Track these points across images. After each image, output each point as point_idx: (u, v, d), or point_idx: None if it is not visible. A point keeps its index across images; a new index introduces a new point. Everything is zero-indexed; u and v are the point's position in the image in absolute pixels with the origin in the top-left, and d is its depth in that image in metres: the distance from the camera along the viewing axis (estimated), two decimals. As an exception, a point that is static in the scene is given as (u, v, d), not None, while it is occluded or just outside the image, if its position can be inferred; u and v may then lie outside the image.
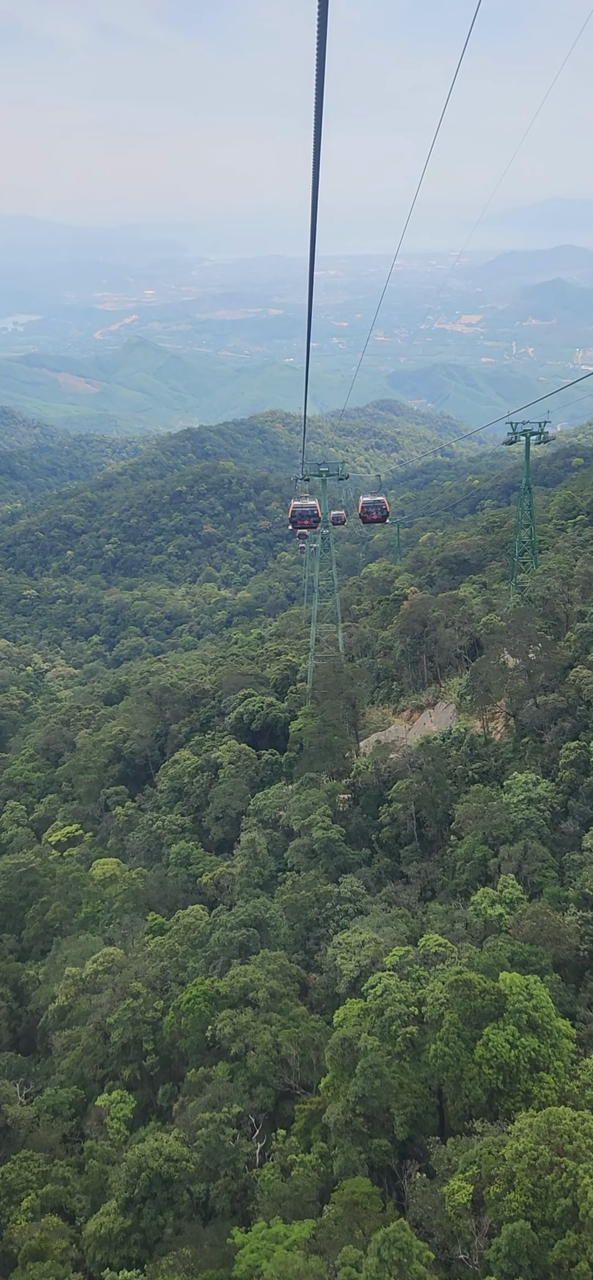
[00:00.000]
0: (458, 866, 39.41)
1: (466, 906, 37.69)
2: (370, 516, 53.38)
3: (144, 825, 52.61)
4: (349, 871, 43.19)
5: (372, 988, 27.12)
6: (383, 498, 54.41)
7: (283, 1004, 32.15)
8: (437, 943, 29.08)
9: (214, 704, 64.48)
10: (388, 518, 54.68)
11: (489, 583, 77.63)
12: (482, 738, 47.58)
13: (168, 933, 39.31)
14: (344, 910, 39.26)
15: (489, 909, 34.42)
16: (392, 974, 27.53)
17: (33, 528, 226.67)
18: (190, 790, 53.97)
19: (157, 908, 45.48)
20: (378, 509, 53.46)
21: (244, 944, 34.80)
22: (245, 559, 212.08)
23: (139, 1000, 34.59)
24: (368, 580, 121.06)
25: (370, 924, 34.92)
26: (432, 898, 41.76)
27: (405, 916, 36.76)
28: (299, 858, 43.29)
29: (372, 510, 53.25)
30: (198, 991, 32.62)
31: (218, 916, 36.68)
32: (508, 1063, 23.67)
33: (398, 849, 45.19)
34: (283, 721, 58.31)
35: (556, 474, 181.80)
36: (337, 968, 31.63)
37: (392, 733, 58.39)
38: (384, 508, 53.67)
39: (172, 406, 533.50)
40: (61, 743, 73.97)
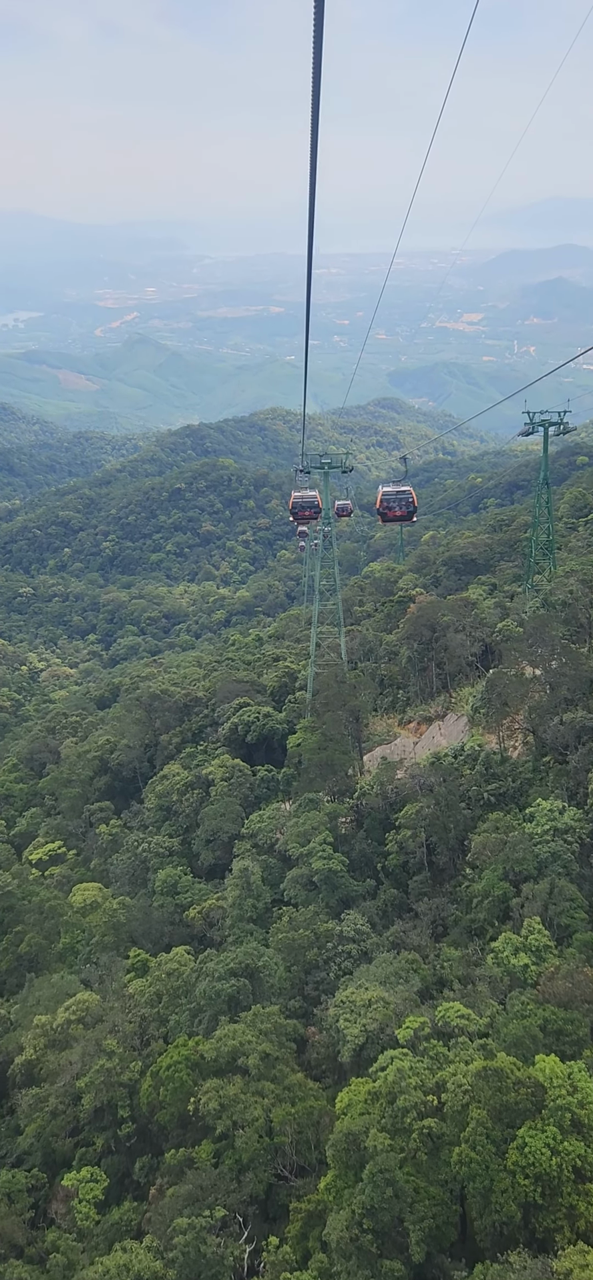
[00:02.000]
0: (475, 903, 35.16)
1: (484, 950, 33.55)
2: (392, 513, 42.17)
3: (129, 847, 48.37)
4: (352, 905, 38.98)
5: (382, 1069, 22.84)
6: (409, 488, 42.39)
7: (277, 1070, 27.90)
8: (458, 1013, 24.80)
9: (207, 713, 60.22)
10: (416, 514, 42.64)
11: (500, 584, 73.35)
12: (498, 755, 43.30)
13: (150, 973, 35.05)
14: (347, 952, 35.04)
15: (513, 958, 30.19)
16: (405, 1052, 23.27)
17: (30, 525, 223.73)
18: (179, 809, 49.70)
19: (140, 942, 41.27)
20: (402, 503, 42.21)
21: (234, 996, 30.57)
22: (245, 557, 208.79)
23: (114, 1060, 30.34)
24: (370, 580, 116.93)
25: (377, 974, 30.68)
26: (444, 933, 37.60)
27: (416, 963, 32.50)
28: (297, 889, 39.03)
29: (394, 504, 42.14)
30: (179, 1056, 28.37)
31: (205, 964, 32.46)
32: (548, 1172, 19.43)
33: (406, 878, 40.93)
34: (281, 734, 54.06)
35: (560, 472, 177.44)
36: (339, 1030, 27.37)
37: (398, 746, 54.10)
38: (411, 501, 42.07)
39: (172, 404, 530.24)
40: (46, 752, 69.71)
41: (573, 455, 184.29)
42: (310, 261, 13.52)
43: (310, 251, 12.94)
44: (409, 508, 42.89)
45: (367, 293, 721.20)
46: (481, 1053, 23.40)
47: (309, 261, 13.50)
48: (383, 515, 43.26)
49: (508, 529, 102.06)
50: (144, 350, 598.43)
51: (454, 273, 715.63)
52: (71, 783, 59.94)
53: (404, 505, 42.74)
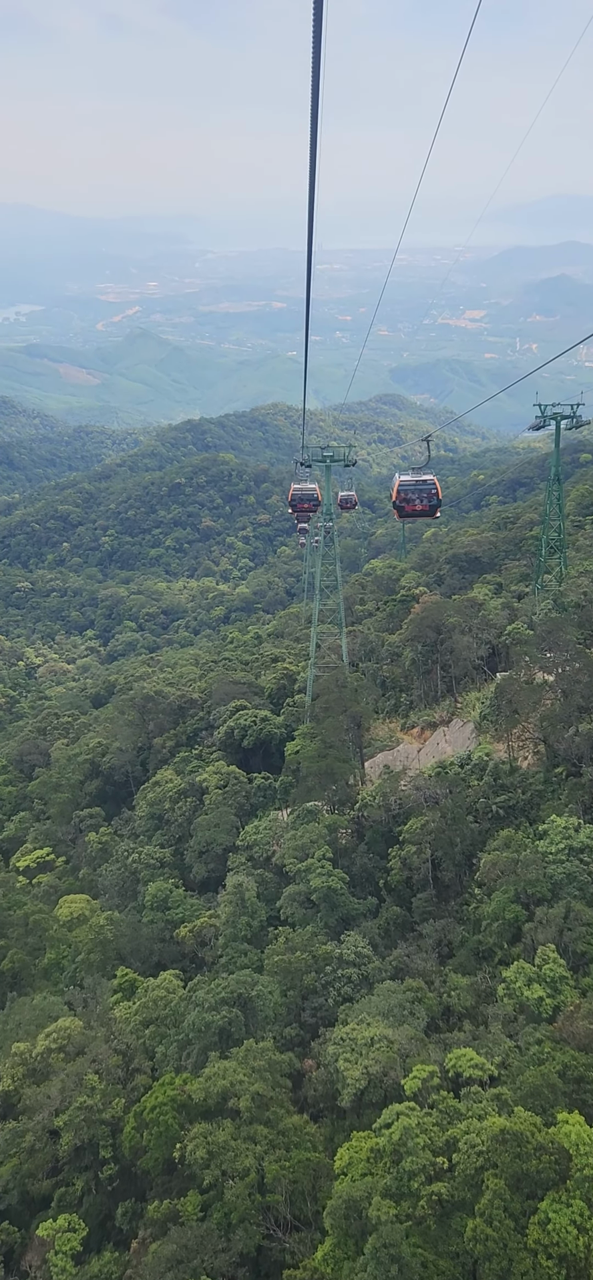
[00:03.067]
0: (484, 926, 32.91)
1: (493, 977, 31.30)
2: (412, 507, 33.98)
3: (119, 857, 46.12)
4: (353, 924, 36.76)
5: (387, 1126, 20.57)
6: (432, 477, 34.91)
7: (271, 1112, 25.63)
8: (470, 1062, 22.51)
9: (202, 716, 57.92)
10: (440, 508, 35.58)
11: (507, 583, 70.99)
12: (507, 765, 41.02)
13: (136, 999, 32.80)
14: (347, 977, 32.78)
15: (526, 989, 27.91)
16: (412, 1106, 21.00)
17: (28, 519, 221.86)
18: (172, 818, 47.43)
19: (128, 960, 39.00)
20: (424, 495, 34.24)
21: (225, 1029, 28.31)
22: (244, 553, 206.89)
23: (95, 1096, 28.09)
24: (371, 578, 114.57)
25: (379, 1005, 28.42)
26: (449, 955, 35.38)
27: (421, 992, 30.25)
28: (294, 908, 36.77)
29: (414, 497, 34.17)
30: (165, 1097, 26.10)
31: (194, 991, 30.21)
32: (574, 1253, 17.19)
33: (409, 895, 38.68)
34: (278, 739, 51.79)
35: (564, 469, 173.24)
36: (339, 1071, 25.11)
37: (401, 753, 51.83)
38: (434, 492, 34.48)
39: (173, 399, 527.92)
40: (36, 754, 67.41)
41: (577, 452, 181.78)
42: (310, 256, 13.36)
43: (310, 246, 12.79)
44: (432, 501, 34.64)
45: (369, 288, 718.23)
46: (494, 1105, 21.15)
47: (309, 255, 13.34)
48: (400, 510, 34.72)
49: (513, 526, 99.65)
50: (145, 345, 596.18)
51: (457, 269, 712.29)
52: (61, 787, 57.68)
53: (426, 498, 34.53)
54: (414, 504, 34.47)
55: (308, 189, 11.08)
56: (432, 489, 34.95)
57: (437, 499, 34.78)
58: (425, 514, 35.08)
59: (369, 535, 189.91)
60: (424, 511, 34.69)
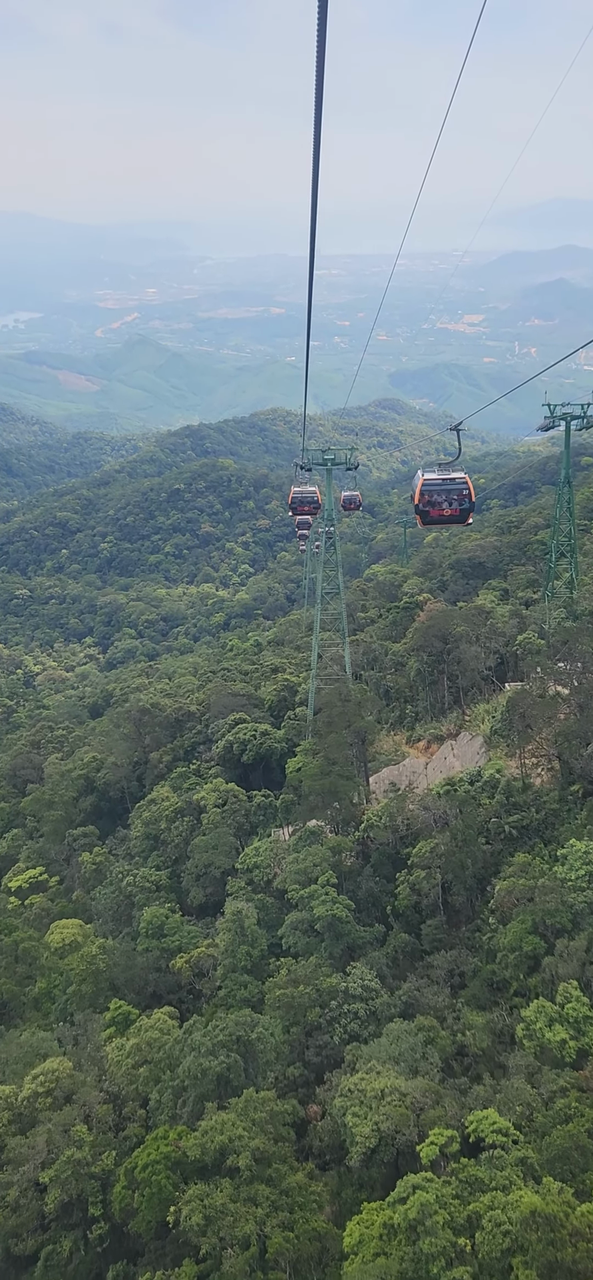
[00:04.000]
0: (500, 958, 30.91)
1: (511, 1014, 29.31)
2: (438, 511, 27.98)
3: (114, 879, 44.07)
4: (359, 954, 34.76)
5: (402, 1200, 18.56)
6: (464, 474, 28.94)
7: (273, 1170, 23.65)
8: (493, 1125, 20.50)
9: (200, 729, 55.94)
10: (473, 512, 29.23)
11: (513, 589, 69.13)
12: (519, 783, 39.05)
13: (128, 1040, 30.74)
14: (354, 1012, 30.77)
15: (547, 1031, 25.93)
16: (429, 1177, 18.99)
17: (27, 525, 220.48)
18: (168, 839, 45.40)
19: (122, 991, 36.96)
20: (454, 496, 28.37)
21: (223, 1075, 26.28)
22: (244, 559, 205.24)
23: (84, 1150, 26.08)
24: (373, 583, 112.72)
25: (389, 1049, 26.42)
26: (461, 984, 33.37)
27: (434, 1031, 28.26)
28: (297, 937, 34.76)
29: (441, 499, 28.24)
30: (158, 1155, 24.09)
31: (190, 1034, 28.19)
32: None
33: (418, 920, 36.69)
34: (279, 754, 49.80)
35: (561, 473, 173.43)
36: (347, 1127, 23.11)
37: (407, 767, 49.82)
38: (466, 493, 28.60)
39: (173, 405, 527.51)
40: (29, 768, 65.42)
41: (578, 455, 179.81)
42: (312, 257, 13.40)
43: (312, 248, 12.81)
44: (464, 504, 28.25)
45: (368, 294, 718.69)
46: (519, 1170, 19.14)
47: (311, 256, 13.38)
48: (424, 515, 28.40)
49: (518, 531, 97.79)
50: (145, 351, 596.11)
51: (455, 274, 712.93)
52: (54, 804, 55.66)
53: (456, 500, 28.16)
54: (441, 508, 28.30)
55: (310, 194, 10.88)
56: (463, 489, 28.72)
57: (469, 501, 28.62)
58: (455, 519, 28.61)
59: (370, 540, 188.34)
60: (453, 517, 28.40)
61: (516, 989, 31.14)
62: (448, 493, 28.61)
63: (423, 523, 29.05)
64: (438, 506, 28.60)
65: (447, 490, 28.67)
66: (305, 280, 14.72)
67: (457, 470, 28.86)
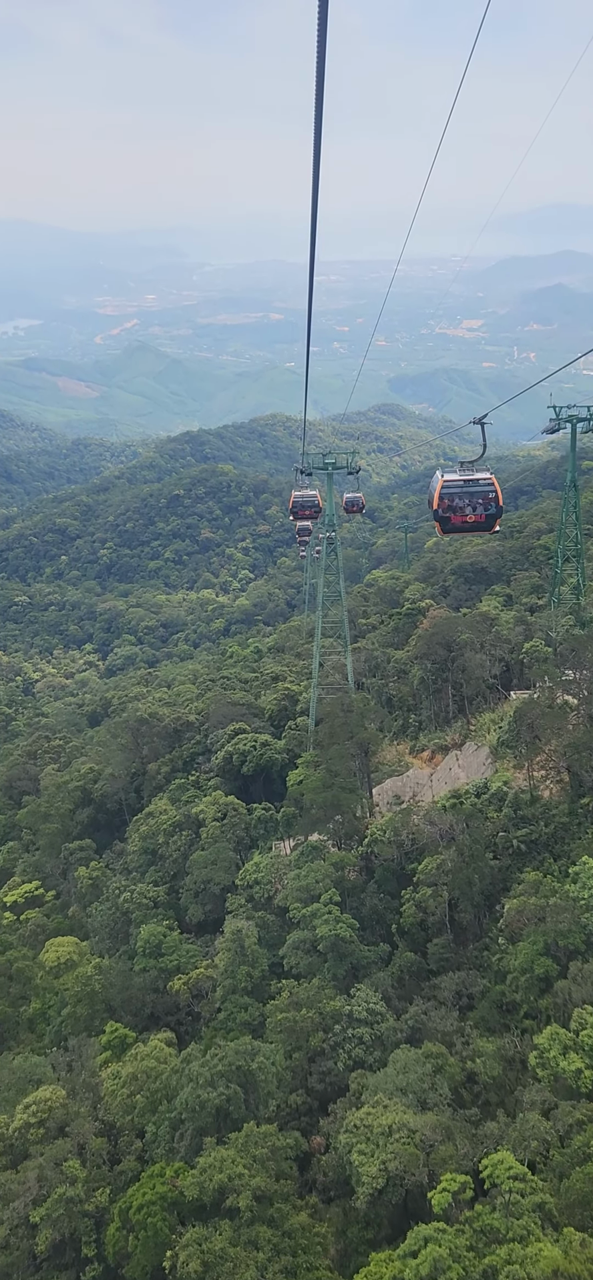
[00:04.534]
0: (510, 980, 29.75)
1: (522, 1040, 28.15)
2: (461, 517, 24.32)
3: (110, 895, 42.88)
4: (363, 974, 33.59)
5: (412, 1254, 17.39)
6: (489, 474, 25.03)
7: (275, 1210, 22.47)
8: (509, 1171, 19.32)
9: (200, 740, 54.79)
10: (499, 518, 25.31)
11: (517, 595, 68.07)
12: (527, 795, 37.93)
13: (124, 1069, 29.53)
14: (358, 1037, 29.61)
15: (562, 1059, 24.76)
16: (442, 1228, 17.84)
17: (26, 532, 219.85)
18: (166, 853, 44.21)
19: (118, 1013, 35.79)
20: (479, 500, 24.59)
21: (222, 1108, 25.11)
22: (244, 564, 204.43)
23: (77, 1187, 24.90)
24: (374, 589, 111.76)
25: (396, 1080, 25.25)
26: (469, 1006, 32.20)
27: (442, 1058, 27.09)
28: (299, 957, 33.59)
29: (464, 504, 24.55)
30: (154, 1195, 22.93)
31: (189, 1063, 27.00)
32: None
33: (424, 938, 35.51)
34: (280, 765, 48.65)
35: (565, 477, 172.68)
36: (352, 1164, 21.94)
37: (411, 778, 48.71)
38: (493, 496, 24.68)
39: (172, 411, 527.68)
40: (26, 779, 64.24)
41: (578, 460, 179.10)
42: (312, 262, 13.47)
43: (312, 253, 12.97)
44: (490, 508, 24.45)
45: (367, 299, 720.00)
46: (537, 1217, 17.97)
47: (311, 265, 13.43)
48: (444, 522, 24.71)
49: (520, 535, 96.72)
50: (144, 357, 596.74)
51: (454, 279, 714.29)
52: (50, 817, 54.48)
53: (481, 504, 24.41)
54: (464, 513, 24.26)
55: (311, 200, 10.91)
56: (489, 491, 24.59)
57: (496, 505, 24.58)
58: (480, 527, 24.60)
59: (370, 545, 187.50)
60: (478, 524, 24.38)
61: (526, 1011, 30.01)
62: (472, 496, 24.63)
63: (443, 531, 25.31)
64: (460, 512, 24.70)
65: (470, 493, 24.66)
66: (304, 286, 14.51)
67: (481, 470, 24.81)
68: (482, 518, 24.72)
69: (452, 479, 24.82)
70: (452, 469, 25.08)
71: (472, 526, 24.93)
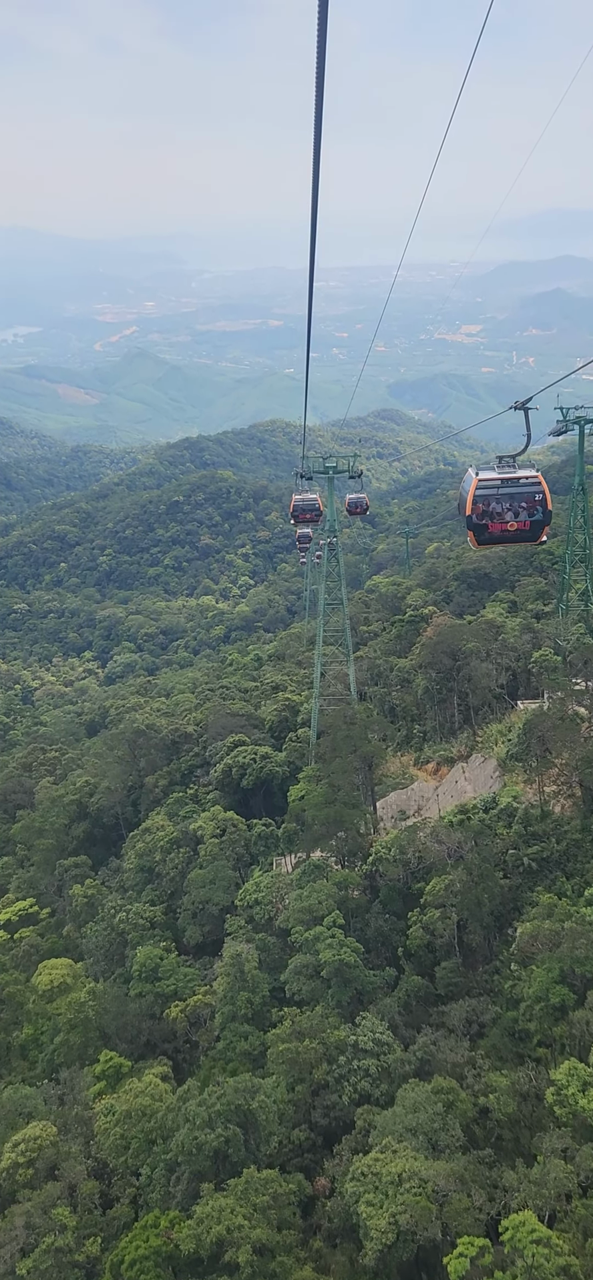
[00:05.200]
0: (525, 1009, 28.30)
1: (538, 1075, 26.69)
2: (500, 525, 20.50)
3: (106, 915, 41.43)
4: (368, 1000, 32.15)
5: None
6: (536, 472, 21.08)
7: (277, 1263, 21.02)
8: (531, 1233, 17.86)
9: (198, 751, 53.42)
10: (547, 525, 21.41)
11: (522, 602, 66.69)
12: (538, 810, 36.53)
13: (118, 1104, 28.06)
14: (364, 1069, 28.16)
15: (581, 1097, 23.33)
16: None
17: (25, 539, 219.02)
18: (163, 871, 42.79)
19: (113, 1041, 34.34)
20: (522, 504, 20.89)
21: (221, 1150, 23.66)
22: (244, 570, 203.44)
23: (67, 1235, 23.43)
24: (375, 595, 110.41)
25: (405, 1119, 23.80)
26: (479, 1033, 30.76)
27: (453, 1093, 25.64)
28: (301, 983, 32.13)
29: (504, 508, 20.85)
30: (147, 1248, 21.50)
31: (185, 1101, 25.54)
32: None
33: (431, 961, 34.07)
34: (280, 778, 47.26)
35: (567, 481, 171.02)
36: (360, 1216, 20.49)
37: (415, 791, 47.32)
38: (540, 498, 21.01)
39: (171, 417, 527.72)
40: (20, 792, 62.81)
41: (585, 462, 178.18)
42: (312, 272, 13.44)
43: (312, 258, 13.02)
44: (536, 513, 20.50)
45: (366, 305, 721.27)
46: (562, 1281, 16.51)
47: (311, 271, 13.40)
48: (480, 532, 20.68)
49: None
50: (143, 364, 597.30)
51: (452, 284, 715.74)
52: (44, 832, 53.05)
53: (525, 509, 20.55)
54: (504, 520, 20.13)
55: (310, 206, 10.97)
56: (535, 493, 20.57)
57: (544, 510, 20.62)
58: (523, 537, 20.50)
59: (371, 551, 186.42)
60: (522, 534, 20.31)
61: (539, 1039, 28.61)
62: (513, 499, 20.35)
63: (479, 542, 20.94)
64: (499, 519, 20.45)
65: (512, 496, 20.35)
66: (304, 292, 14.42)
67: (525, 466, 20.67)
68: (526, 525, 20.61)
69: (489, 478, 20.65)
70: (488, 466, 21.12)
71: (514, 536, 20.80)
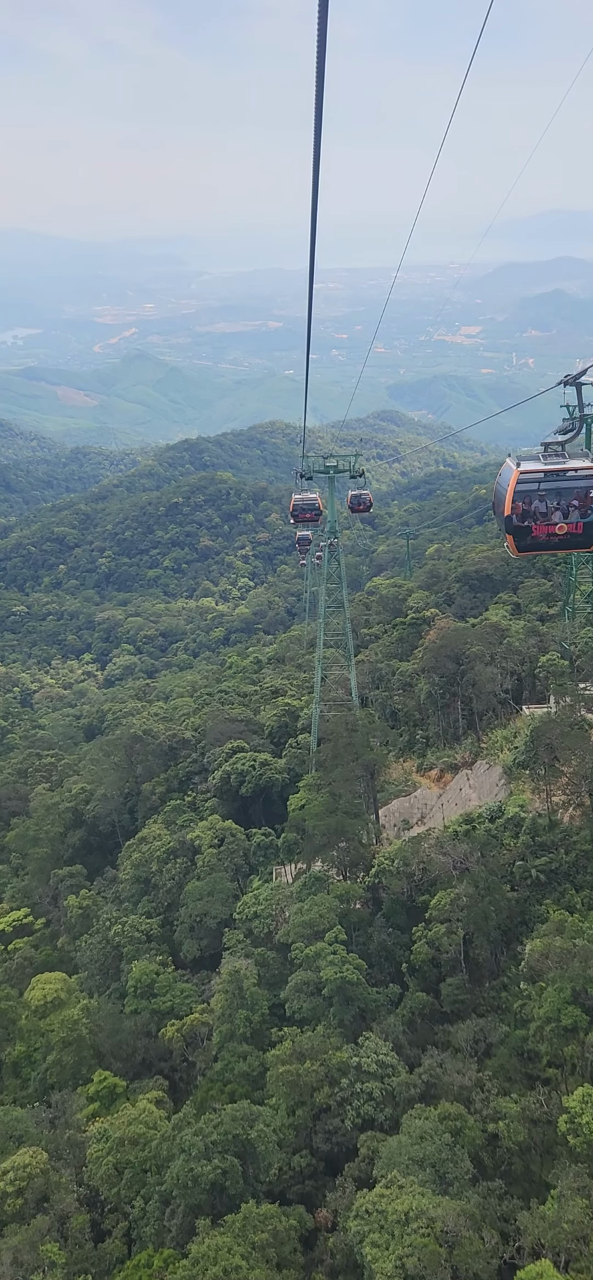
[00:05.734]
0: (535, 1030, 27.17)
1: (549, 1100, 25.57)
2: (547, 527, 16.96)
3: (101, 928, 40.28)
4: (372, 1018, 31.03)
5: None
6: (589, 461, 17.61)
7: (277, 1306, 19.85)
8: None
9: (196, 758, 52.28)
10: None
11: (525, 604, 65.59)
12: (545, 819, 35.41)
13: (113, 1121, 26.93)
14: (368, 1092, 27.04)
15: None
16: None
17: (24, 541, 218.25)
18: (159, 882, 41.64)
19: (107, 1060, 33.21)
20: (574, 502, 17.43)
21: (218, 1183, 22.52)
22: (244, 572, 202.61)
23: (55, 1273, 22.27)
24: (376, 598, 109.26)
25: (411, 1150, 22.66)
26: (486, 1052, 29.64)
27: (461, 1120, 24.53)
28: (301, 1001, 30.99)
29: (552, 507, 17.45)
30: (139, 1291, 20.32)
31: (180, 1130, 24.39)
32: None
33: (436, 976, 32.95)
34: (280, 785, 46.13)
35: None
36: (364, 1258, 19.34)
37: (419, 799, 46.22)
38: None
39: (171, 419, 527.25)
40: (16, 799, 61.68)
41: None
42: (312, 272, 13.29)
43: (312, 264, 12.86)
44: (590, 513, 17.21)
45: (365, 307, 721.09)
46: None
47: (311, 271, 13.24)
48: (521, 535, 17.53)
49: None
50: (143, 366, 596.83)
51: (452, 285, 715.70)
52: (39, 841, 51.91)
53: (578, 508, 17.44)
54: (551, 522, 16.87)
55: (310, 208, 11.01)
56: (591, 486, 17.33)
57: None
58: (576, 542, 17.15)
59: (371, 552, 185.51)
60: (573, 538, 16.93)
61: (549, 1060, 27.51)
62: (563, 496, 17.16)
63: (519, 549, 17.66)
64: (545, 520, 17.20)
65: (561, 492, 17.15)
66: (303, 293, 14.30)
67: (577, 457, 17.53)
68: (578, 528, 17.26)
69: (532, 471, 17.37)
70: (531, 457, 17.85)
71: (563, 541, 17.39)
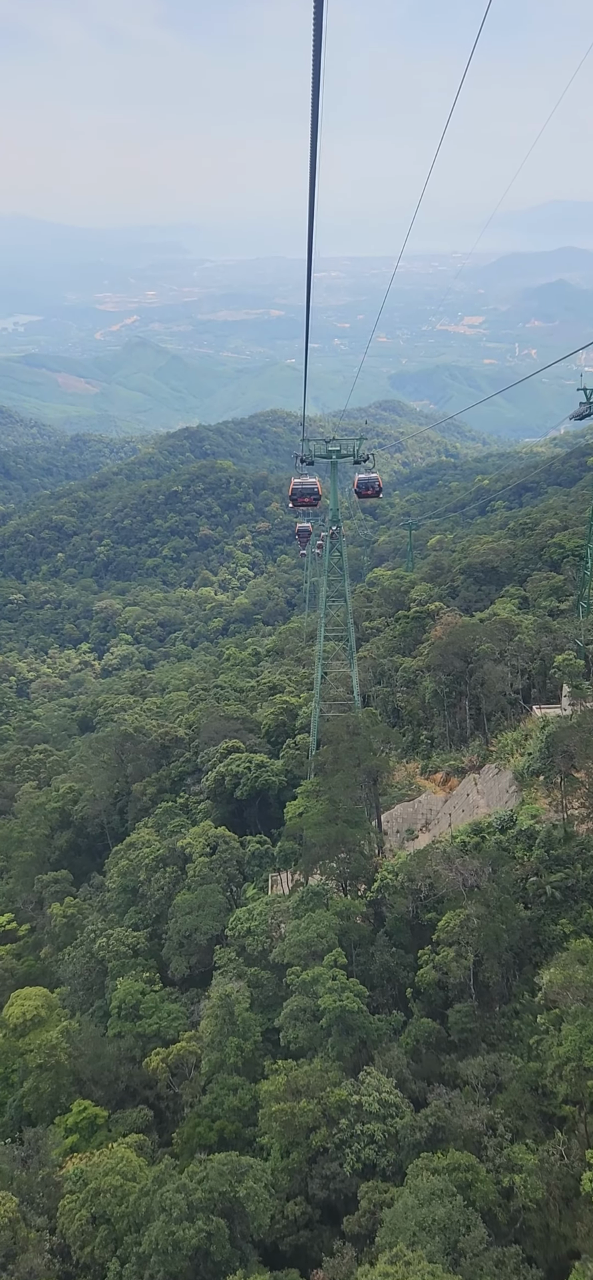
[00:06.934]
0: (553, 1069, 24.73)
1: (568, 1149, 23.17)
2: None
3: (85, 941, 37.83)
4: (373, 1047, 28.58)
5: None
6: None
7: None
8: None
9: (189, 757, 49.76)
10: None
11: (534, 598, 62.99)
12: (561, 831, 32.88)
13: (88, 1169, 24.51)
14: (369, 1135, 24.62)
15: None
16: None
17: (23, 529, 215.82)
18: (148, 892, 39.17)
19: (88, 1088, 30.81)
20: None
21: (202, 1248, 20.08)
22: (243, 562, 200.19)
23: None
24: (378, 589, 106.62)
25: (418, 1213, 20.21)
26: (497, 1086, 27.25)
27: (472, 1173, 22.12)
28: (297, 1029, 28.53)
29: None
30: None
31: (161, 1184, 21.88)
32: None
33: (443, 1000, 30.52)
34: (277, 788, 43.63)
35: (571, 474, 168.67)
36: None
37: (423, 804, 43.68)
38: None
39: (172, 407, 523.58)
40: (2, 798, 59.28)
41: (583, 456, 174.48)
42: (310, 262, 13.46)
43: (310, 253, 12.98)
44: None
45: (367, 296, 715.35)
46: None
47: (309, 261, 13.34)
48: None
49: (532, 533, 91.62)
50: (144, 353, 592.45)
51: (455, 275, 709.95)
52: (24, 843, 49.49)
53: None
54: None
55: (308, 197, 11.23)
56: None
57: None
58: None
59: (372, 543, 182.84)
60: None
61: (564, 1097, 25.12)
62: None
63: None
64: None
65: None
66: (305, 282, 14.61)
67: None
68: None
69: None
70: None
71: None
